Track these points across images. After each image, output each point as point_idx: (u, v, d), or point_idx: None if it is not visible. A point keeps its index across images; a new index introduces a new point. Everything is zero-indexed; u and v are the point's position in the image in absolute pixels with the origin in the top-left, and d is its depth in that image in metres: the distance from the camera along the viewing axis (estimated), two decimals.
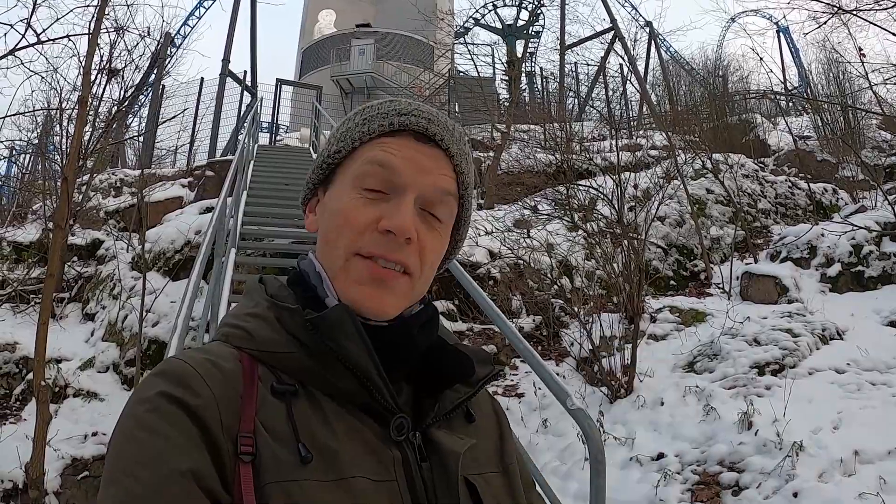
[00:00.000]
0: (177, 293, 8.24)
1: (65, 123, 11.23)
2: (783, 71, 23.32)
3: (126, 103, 13.17)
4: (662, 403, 6.57)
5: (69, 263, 11.09)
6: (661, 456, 5.72)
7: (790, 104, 21.10)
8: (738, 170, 13.28)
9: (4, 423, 7.67)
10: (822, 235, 10.08)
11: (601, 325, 7.93)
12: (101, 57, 10.57)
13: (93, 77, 9.37)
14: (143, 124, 19.66)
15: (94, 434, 7.40)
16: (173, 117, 17.61)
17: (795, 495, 4.71)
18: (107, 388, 8.41)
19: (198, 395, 0.85)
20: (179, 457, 0.80)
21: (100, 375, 8.62)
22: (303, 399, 0.92)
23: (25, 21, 6.69)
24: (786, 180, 13.76)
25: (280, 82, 24.51)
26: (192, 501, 0.78)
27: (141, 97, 18.62)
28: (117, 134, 15.23)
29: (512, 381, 8.06)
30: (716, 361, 7.25)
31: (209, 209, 9.94)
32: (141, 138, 18.71)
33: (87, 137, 10.57)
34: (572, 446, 6.14)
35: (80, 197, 11.59)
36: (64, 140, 11.02)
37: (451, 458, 0.94)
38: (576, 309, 8.31)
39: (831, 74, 17.82)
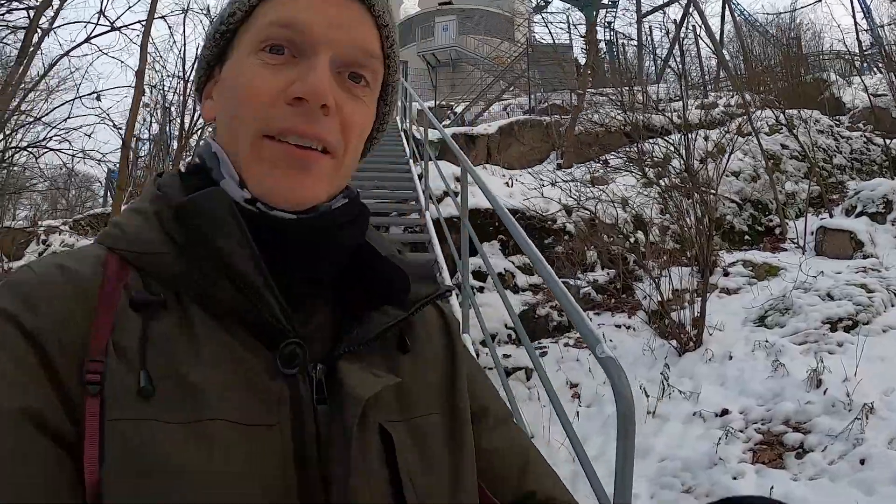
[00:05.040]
0: None
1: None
2: (857, 30, 21.86)
3: None
4: (731, 358, 6.11)
5: None
6: (725, 412, 5.25)
7: (864, 63, 19.84)
8: (813, 125, 12.46)
9: None
10: None
11: (671, 278, 7.52)
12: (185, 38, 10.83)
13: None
14: None
15: None
16: None
17: (862, 462, 4.18)
18: None
19: (36, 311, 0.61)
20: (12, 393, 0.57)
21: None
22: (171, 314, 0.66)
23: (99, 12, 6.93)
24: (861, 136, 12.86)
25: None
26: (30, 446, 0.56)
27: None
28: None
29: None
30: (787, 316, 6.69)
31: None
32: None
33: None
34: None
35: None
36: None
37: (350, 402, 0.66)
38: (646, 262, 7.93)
39: None
